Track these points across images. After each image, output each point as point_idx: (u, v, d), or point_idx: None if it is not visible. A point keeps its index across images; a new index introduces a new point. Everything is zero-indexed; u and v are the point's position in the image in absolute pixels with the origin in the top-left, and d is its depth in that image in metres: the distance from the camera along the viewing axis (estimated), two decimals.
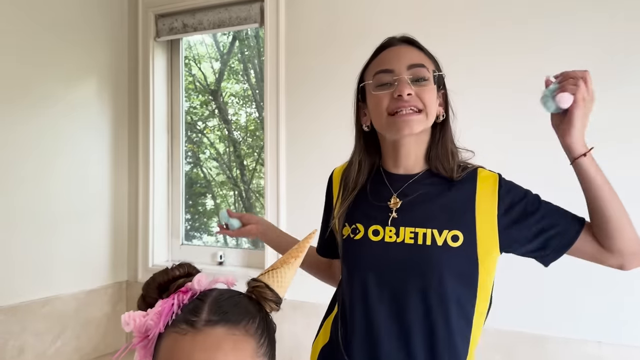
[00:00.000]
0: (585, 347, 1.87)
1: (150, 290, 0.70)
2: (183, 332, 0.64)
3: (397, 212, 1.02)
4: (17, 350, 2.39)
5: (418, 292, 0.99)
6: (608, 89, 1.74)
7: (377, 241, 1.01)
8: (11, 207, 2.37)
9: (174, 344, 0.64)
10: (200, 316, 0.65)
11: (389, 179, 1.07)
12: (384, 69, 1.03)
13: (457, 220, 1.00)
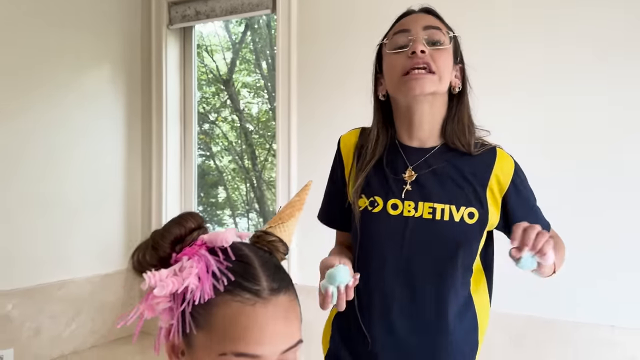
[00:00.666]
0: (597, 331, 1.86)
1: (163, 244, 0.64)
2: (250, 302, 0.61)
3: (411, 184, 1.02)
4: (33, 331, 2.45)
5: (433, 263, 1.01)
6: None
7: (396, 215, 1.02)
8: (27, 193, 2.42)
9: (240, 315, 0.61)
10: (261, 284, 0.63)
11: (404, 151, 1.06)
12: (400, 29, 1.04)
13: (474, 197, 1.02)
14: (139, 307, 0.63)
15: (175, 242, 0.65)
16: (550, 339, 1.94)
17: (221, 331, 0.61)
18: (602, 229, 1.87)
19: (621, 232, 1.84)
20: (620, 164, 1.84)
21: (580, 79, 1.90)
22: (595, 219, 1.88)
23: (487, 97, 1.91)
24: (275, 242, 0.70)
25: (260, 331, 0.61)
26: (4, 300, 2.34)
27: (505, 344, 2.01)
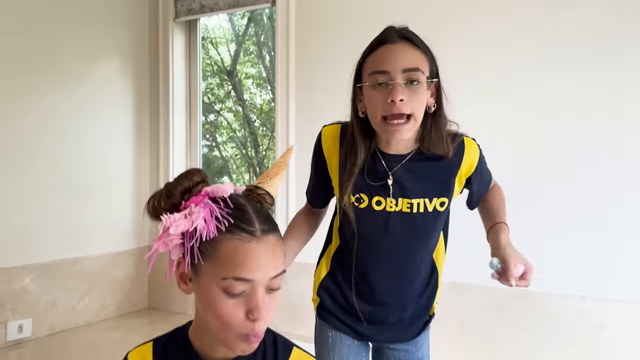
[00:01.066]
0: (569, 301, 2.02)
1: (175, 193, 0.79)
2: (246, 239, 0.76)
3: (392, 186, 1.19)
4: (49, 304, 2.63)
5: (410, 243, 1.22)
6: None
7: (380, 210, 1.20)
8: (45, 176, 2.59)
9: (239, 249, 0.76)
10: (255, 226, 0.77)
11: (384, 159, 1.20)
12: (380, 70, 1.09)
13: (444, 188, 1.19)
14: (155, 244, 0.79)
15: (184, 192, 0.80)
16: (527, 309, 2.10)
17: (224, 261, 0.76)
18: (573, 208, 2.02)
19: (590, 212, 1.99)
20: (586, 140, 2.00)
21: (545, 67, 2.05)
22: (567, 197, 2.03)
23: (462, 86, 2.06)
24: (263, 194, 0.86)
25: (255, 261, 0.76)
26: (23, 275, 2.52)
27: (489, 315, 2.17)
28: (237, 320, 0.76)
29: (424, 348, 1.33)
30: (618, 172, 1.95)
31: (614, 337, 1.95)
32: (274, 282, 0.78)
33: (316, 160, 1.30)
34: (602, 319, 1.96)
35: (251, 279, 0.75)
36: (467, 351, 2.21)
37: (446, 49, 1.34)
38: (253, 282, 0.76)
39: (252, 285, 0.76)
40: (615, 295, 1.95)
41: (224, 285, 0.75)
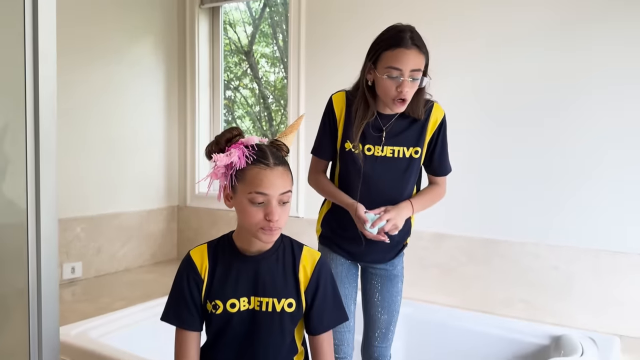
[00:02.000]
0: (525, 247, 2.44)
1: (222, 141, 1.23)
2: (263, 168, 1.19)
3: (384, 138, 1.65)
4: (95, 250, 3.11)
5: (393, 180, 1.68)
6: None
7: (370, 155, 1.65)
8: (90, 139, 3.04)
9: (258, 174, 1.18)
10: (269, 160, 1.20)
11: (380, 118, 1.65)
12: (395, 67, 1.51)
13: (417, 141, 1.67)
14: (210, 174, 1.24)
15: (227, 141, 1.23)
16: (493, 255, 2.52)
17: (249, 182, 1.19)
18: (532, 167, 2.44)
19: (545, 170, 2.41)
20: (552, 107, 2.40)
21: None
22: (526, 156, 2.44)
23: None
24: (281, 144, 1.29)
25: (268, 182, 1.18)
26: (75, 225, 2.99)
27: (462, 260, 2.60)
28: (259, 219, 1.19)
29: (398, 268, 1.79)
30: (567, 129, 2.36)
31: (565, 276, 2.38)
32: (283, 197, 1.21)
33: (328, 117, 1.74)
34: (556, 262, 2.39)
35: (267, 193, 1.19)
36: (446, 292, 2.64)
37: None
38: (268, 196, 1.19)
39: (267, 198, 1.19)
40: (566, 242, 2.37)
41: (250, 197, 1.19)
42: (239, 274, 1.26)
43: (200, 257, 1.28)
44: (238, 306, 1.25)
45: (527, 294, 2.44)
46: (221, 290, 1.25)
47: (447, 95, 2.56)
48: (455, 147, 2.53)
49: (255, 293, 1.25)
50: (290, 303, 1.26)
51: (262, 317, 1.25)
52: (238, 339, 1.26)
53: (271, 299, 1.25)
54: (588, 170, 2.32)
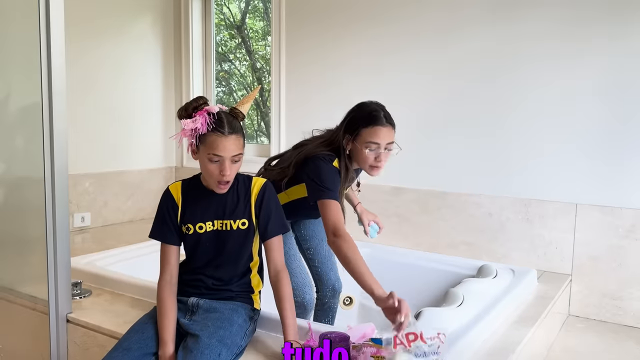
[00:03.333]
0: (471, 198, 2.83)
1: (189, 108, 1.57)
2: (219, 135, 1.54)
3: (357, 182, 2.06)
4: (103, 203, 3.54)
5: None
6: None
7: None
8: (97, 105, 3.45)
9: (216, 139, 1.51)
10: (225, 129, 1.56)
11: (355, 172, 2.00)
12: (374, 142, 1.80)
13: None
14: (179, 134, 1.62)
15: (194, 108, 1.58)
16: (443, 205, 2.92)
17: (208, 145, 1.53)
18: (472, 126, 2.81)
19: (485, 133, 2.78)
20: (490, 77, 2.76)
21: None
22: (469, 121, 2.82)
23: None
24: (237, 112, 1.67)
25: (222, 146, 1.53)
26: (84, 179, 3.42)
27: (416, 209, 3.00)
28: (215, 174, 1.57)
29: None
30: (501, 97, 2.72)
31: (498, 220, 2.77)
32: (234, 158, 1.58)
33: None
34: (490, 209, 2.78)
35: (221, 155, 1.55)
36: (402, 238, 3.05)
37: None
38: (222, 157, 1.55)
39: (221, 159, 1.55)
40: (501, 193, 2.76)
41: (209, 157, 1.55)
42: (205, 204, 1.67)
43: (176, 191, 1.68)
44: (205, 228, 1.66)
45: (469, 238, 2.84)
46: (191, 216, 1.66)
47: (407, 67, 2.95)
48: (412, 111, 2.92)
49: (216, 217, 1.67)
50: (244, 222, 1.67)
51: (224, 235, 1.67)
52: (207, 252, 1.68)
53: (229, 220, 1.66)
54: (520, 131, 2.69)
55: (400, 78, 3.00)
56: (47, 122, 1.88)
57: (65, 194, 1.92)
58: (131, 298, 2.16)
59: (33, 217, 2.04)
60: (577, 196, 2.57)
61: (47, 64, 1.85)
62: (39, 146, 1.90)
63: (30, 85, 1.91)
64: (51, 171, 1.91)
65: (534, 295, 2.33)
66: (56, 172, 1.90)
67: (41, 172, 1.90)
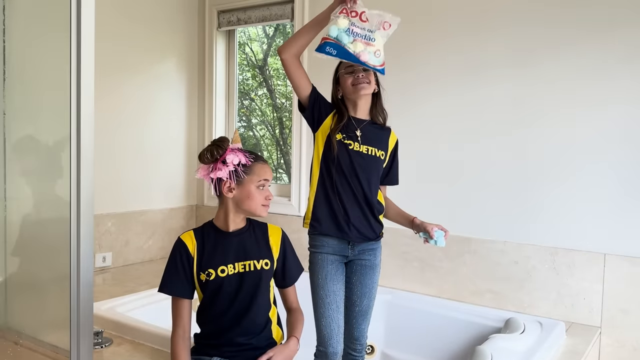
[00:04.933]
0: (495, 244, 2.78)
1: (224, 146, 1.63)
2: (263, 162, 1.67)
3: (359, 137, 2.01)
4: (124, 242, 3.56)
5: (365, 176, 2.00)
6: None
7: (352, 148, 1.97)
8: (120, 144, 3.50)
9: (263, 166, 1.66)
10: (263, 158, 1.69)
11: (355, 121, 2.02)
12: (349, 69, 1.96)
13: (383, 146, 2.05)
14: (214, 172, 1.64)
15: (223, 149, 1.64)
16: (466, 251, 2.87)
17: (257, 173, 1.65)
18: (497, 171, 2.78)
19: (509, 180, 2.75)
20: (520, 120, 2.74)
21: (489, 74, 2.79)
22: (491, 169, 2.79)
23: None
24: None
25: (267, 172, 1.66)
26: (106, 220, 3.45)
27: (439, 255, 2.96)
28: (262, 199, 1.65)
29: (379, 259, 2.10)
30: (531, 143, 2.69)
31: (524, 269, 2.71)
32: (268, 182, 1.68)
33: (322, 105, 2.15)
34: (516, 257, 2.73)
35: (268, 179, 1.66)
36: (424, 283, 3.00)
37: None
38: (268, 181, 1.67)
39: (267, 182, 1.66)
40: (527, 241, 2.70)
41: (259, 184, 1.65)
42: (224, 247, 1.68)
43: (190, 239, 1.68)
44: (227, 271, 1.66)
45: (494, 286, 2.78)
46: (211, 261, 1.65)
47: (430, 111, 2.94)
48: (435, 154, 2.90)
49: (237, 259, 1.67)
50: (267, 262, 1.70)
51: (247, 276, 1.67)
52: (229, 296, 1.67)
53: (252, 260, 1.68)
54: (547, 178, 2.65)
55: (424, 120, 3.00)
56: (74, 166, 1.89)
57: (90, 237, 1.91)
58: (151, 348, 2.15)
59: (56, 259, 2.04)
60: (606, 246, 2.51)
61: (77, 111, 1.87)
62: (65, 188, 1.90)
63: (59, 124, 1.92)
64: (77, 212, 1.91)
65: (564, 350, 2.26)
66: (82, 213, 1.90)
67: (66, 212, 1.90)
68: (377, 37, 1.84)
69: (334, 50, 1.81)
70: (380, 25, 1.84)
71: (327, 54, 1.83)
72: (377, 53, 1.85)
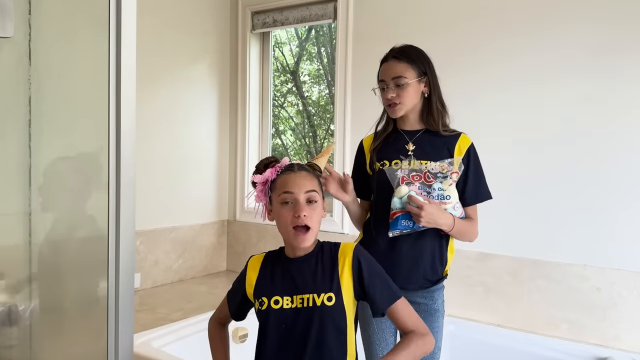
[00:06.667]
0: (572, 269, 2.47)
1: (261, 166, 1.43)
2: (288, 173, 1.39)
3: (412, 151, 1.73)
4: (153, 262, 3.30)
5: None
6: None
7: (397, 169, 1.70)
8: (149, 157, 3.24)
9: (286, 177, 1.39)
10: (294, 168, 1.41)
11: (405, 133, 1.77)
12: (380, 79, 1.76)
13: (447, 155, 1.73)
14: (254, 196, 1.43)
15: (265, 166, 1.44)
16: (538, 275, 2.56)
17: (279, 187, 1.38)
18: (576, 184, 2.47)
19: (589, 199, 2.43)
20: (603, 129, 2.43)
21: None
22: (567, 186, 2.48)
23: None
24: (315, 165, 1.51)
25: (292, 182, 1.37)
26: (136, 238, 3.19)
27: (506, 279, 2.65)
28: (290, 219, 1.35)
29: (439, 302, 1.76)
30: (619, 153, 2.38)
31: (608, 297, 2.39)
32: (309, 195, 1.37)
33: (357, 159, 1.94)
34: (599, 283, 2.41)
35: (292, 191, 1.36)
36: (489, 311, 2.69)
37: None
38: (294, 194, 1.36)
39: (294, 197, 1.36)
40: (610, 265, 2.39)
41: (280, 199, 1.37)
42: (282, 274, 1.41)
43: (256, 261, 1.48)
44: (281, 303, 1.36)
45: (572, 315, 2.46)
46: (266, 288, 1.40)
47: (493, 112, 2.64)
48: (503, 168, 2.60)
49: (295, 291, 1.38)
50: (330, 297, 1.34)
51: (306, 313, 1.36)
52: (282, 333, 1.37)
53: (311, 294, 1.36)
54: (636, 190, 2.33)
55: (486, 126, 2.69)
56: (113, 182, 1.63)
57: (131, 257, 1.63)
58: None
59: (93, 281, 1.77)
60: None
61: (116, 124, 1.62)
62: (103, 205, 1.64)
63: (98, 140, 1.68)
64: (116, 230, 1.64)
65: None
66: (122, 231, 1.63)
67: (105, 230, 1.63)
68: (450, 191, 1.66)
69: (409, 221, 1.63)
70: (449, 174, 1.66)
71: (405, 228, 1.64)
72: (456, 206, 1.67)
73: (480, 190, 1.75)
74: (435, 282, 1.75)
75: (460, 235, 1.72)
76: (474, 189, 1.74)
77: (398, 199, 1.64)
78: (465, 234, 1.73)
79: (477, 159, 1.77)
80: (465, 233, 1.72)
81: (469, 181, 1.73)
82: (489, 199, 1.78)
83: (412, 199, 1.60)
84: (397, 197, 1.64)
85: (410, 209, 1.60)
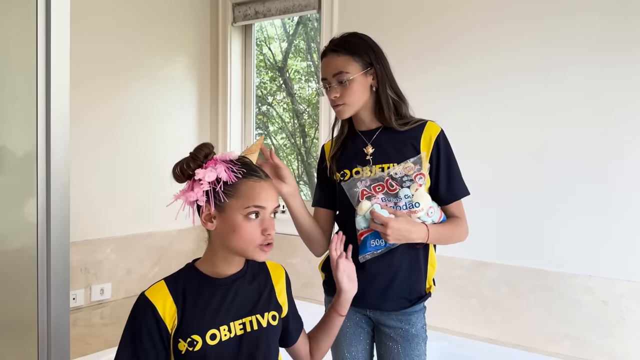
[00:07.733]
0: (576, 279, 2.25)
1: (200, 157, 1.13)
2: (257, 180, 1.12)
3: (371, 155, 1.47)
4: (125, 271, 3.08)
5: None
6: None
7: (357, 180, 1.44)
8: (120, 158, 3.03)
9: (255, 186, 1.11)
10: (260, 172, 1.14)
11: (363, 134, 1.51)
12: (322, 77, 1.46)
13: (408, 155, 1.44)
14: (185, 194, 1.17)
15: (205, 156, 1.14)
16: (539, 286, 2.34)
17: (246, 196, 1.10)
18: (580, 201, 2.24)
19: (594, 203, 2.21)
20: (605, 133, 2.21)
21: None
22: (572, 189, 2.25)
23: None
24: (248, 160, 1.19)
25: (265, 194, 1.12)
26: (105, 245, 2.97)
27: (504, 291, 2.42)
28: (256, 235, 1.10)
29: (418, 327, 1.48)
30: (623, 158, 2.16)
31: (615, 311, 2.17)
32: (275, 210, 1.15)
33: (320, 167, 1.62)
34: (605, 296, 2.19)
35: (264, 207, 1.12)
36: (485, 325, 2.47)
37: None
38: (265, 209, 1.12)
39: (263, 211, 1.11)
40: (618, 275, 2.16)
41: (247, 212, 1.10)
42: (215, 301, 1.14)
43: (160, 297, 1.12)
44: (219, 336, 1.11)
45: (576, 330, 2.24)
46: (196, 324, 1.10)
47: (493, 123, 2.43)
48: (498, 166, 2.38)
49: (235, 317, 1.15)
50: (274, 315, 1.21)
51: (250, 338, 1.15)
52: None
53: (254, 316, 1.17)
54: None
55: (483, 126, 2.47)
56: (42, 185, 1.41)
57: (64, 273, 1.42)
58: None
59: (21, 300, 1.55)
60: None
61: (46, 121, 1.41)
62: (32, 212, 1.43)
63: (25, 139, 1.48)
64: (47, 240, 1.41)
65: None
66: (53, 241, 1.41)
67: (33, 241, 1.42)
68: (419, 197, 1.40)
69: (379, 240, 1.39)
70: (414, 178, 1.41)
71: (376, 249, 1.40)
72: (430, 212, 1.41)
73: (454, 187, 1.47)
74: (414, 302, 1.48)
75: (442, 242, 1.46)
76: (447, 185, 1.46)
77: (362, 217, 1.39)
78: (448, 239, 1.46)
79: (448, 149, 1.47)
80: (448, 237, 1.46)
81: (440, 177, 1.45)
82: (467, 195, 1.48)
83: (374, 215, 1.36)
84: (359, 215, 1.40)
85: (375, 227, 1.36)
